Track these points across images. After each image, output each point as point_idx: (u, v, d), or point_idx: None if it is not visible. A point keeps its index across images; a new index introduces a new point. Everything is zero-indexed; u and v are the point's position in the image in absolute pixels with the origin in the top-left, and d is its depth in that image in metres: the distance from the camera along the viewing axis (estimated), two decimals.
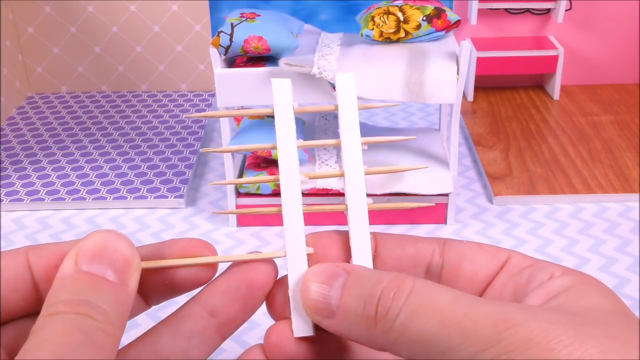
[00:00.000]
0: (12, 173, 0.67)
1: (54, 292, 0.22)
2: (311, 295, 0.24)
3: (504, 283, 0.25)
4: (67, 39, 0.82)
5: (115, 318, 0.22)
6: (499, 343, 0.20)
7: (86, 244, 0.23)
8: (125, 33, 0.82)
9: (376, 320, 0.22)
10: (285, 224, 0.25)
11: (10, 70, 0.80)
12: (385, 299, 0.22)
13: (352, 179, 0.26)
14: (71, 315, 0.21)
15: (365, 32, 0.57)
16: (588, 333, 0.20)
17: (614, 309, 0.22)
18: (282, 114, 0.26)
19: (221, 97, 0.54)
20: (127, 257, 0.23)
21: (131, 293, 0.23)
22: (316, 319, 0.24)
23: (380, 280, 0.23)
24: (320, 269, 0.25)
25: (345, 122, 0.26)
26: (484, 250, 0.26)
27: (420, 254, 0.27)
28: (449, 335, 0.21)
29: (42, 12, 0.81)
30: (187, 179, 0.65)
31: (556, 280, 0.24)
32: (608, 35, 0.83)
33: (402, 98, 0.53)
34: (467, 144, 0.73)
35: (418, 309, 0.22)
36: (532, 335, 0.20)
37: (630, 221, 0.59)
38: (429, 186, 0.57)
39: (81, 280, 0.22)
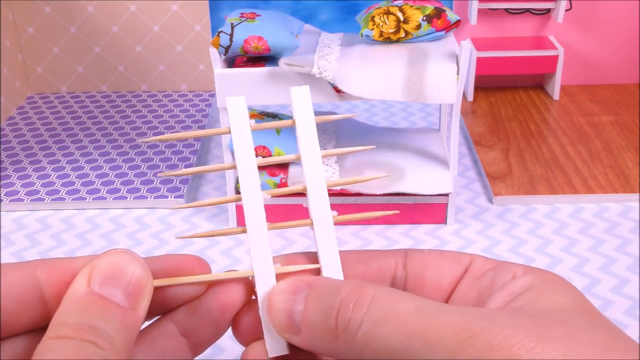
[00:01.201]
0: (12, 173, 0.67)
1: (63, 312, 0.22)
2: (276, 312, 0.24)
3: (467, 288, 0.25)
4: (67, 39, 0.82)
5: (121, 345, 0.21)
6: (463, 352, 0.20)
7: (101, 263, 0.23)
8: (125, 33, 0.82)
9: (337, 333, 0.22)
10: (251, 243, 0.25)
11: (10, 70, 0.80)
12: (345, 309, 0.22)
13: (314, 193, 0.25)
14: (76, 342, 0.21)
15: (365, 32, 0.57)
16: (550, 335, 0.20)
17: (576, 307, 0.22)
18: (239, 133, 0.25)
19: (221, 97, 0.54)
20: (140, 281, 0.23)
21: (140, 318, 0.23)
22: (285, 336, 0.24)
23: (339, 290, 0.23)
24: (284, 284, 0.24)
25: (304, 136, 0.26)
26: (446, 257, 0.26)
27: (383, 267, 0.27)
28: (413, 346, 0.21)
29: (42, 12, 0.81)
30: (187, 179, 0.65)
31: (518, 280, 0.24)
32: (608, 35, 0.83)
33: (402, 98, 0.53)
34: (467, 144, 0.73)
35: (380, 320, 0.21)
36: (495, 342, 0.20)
37: (630, 221, 0.59)
38: (429, 186, 0.57)
39: (91, 303, 0.22)
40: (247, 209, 0.25)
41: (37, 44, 0.82)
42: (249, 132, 0.26)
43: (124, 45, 0.82)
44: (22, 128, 0.76)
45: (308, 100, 0.26)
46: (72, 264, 0.24)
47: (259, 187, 0.25)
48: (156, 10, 0.80)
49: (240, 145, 0.25)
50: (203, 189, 0.65)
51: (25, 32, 0.82)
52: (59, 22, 0.81)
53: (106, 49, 0.83)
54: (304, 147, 0.26)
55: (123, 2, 0.80)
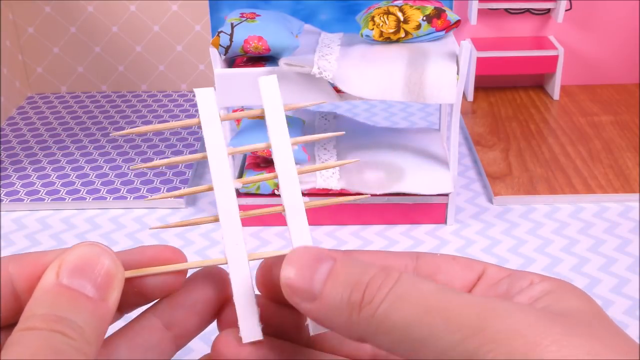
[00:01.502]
0: (12, 173, 0.67)
1: (32, 305, 0.22)
2: (293, 275, 0.24)
3: (482, 294, 0.25)
4: (67, 39, 0.82)
5: (91, 335, 0.21)
6: (483, 331, 0.19)
7: (69, 256, 0.23)
8: (125, 33, 0.82)
9: (360, 306, 0.22)
10: (224, 231, 0.25)
11: (10, 70, 0.80)
12: (373, 286, 0.22)
13: (285, 180, 0.26)
14: (45, 333, 0.21)
15: (365, 32, 0.57)
16: (574, 333, 0.20)
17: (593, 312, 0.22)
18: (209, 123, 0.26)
19: (221, 97, 0.54)
20: (109, 272, 0.23)
21: (111, 309, 0.23)
22: (294, 300, 0.24)
23: (367, 269, 0.23)
24: (306, 251, 0.24)
25: (273, 124, 0.26)
26: (458, 262, 0.26)
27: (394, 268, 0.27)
28: (433, 321, 0.20)
29: (42, 12, 0.81)
30: (187, 179, 0.65)
31: (536, 286, 0.24)
32: (608, 35, 0.83)
33: (402, 98, 0.53)
34: (467, 144, 0.73)
35: (403, 296, 0.21)
36: (519, 327, 0.19)
37: (630, 221, 0.59)
38: (429, 186, 0.57)
39: (60, 295, 0.22)
40: (218, 197, 0.25)
41: (37, 44, 0.82)
42: (219, 122, 0.26)
43: (124, 45, 0.82)
44: (22, 128, 0.76)
45: (276, 89, 0.27)
46: (43, 258, 0.24)
47: (230, 175, 0.26)
48: (156, 10, 0.80)
49: (211, 135, 0.26)
50: None
51: (25, 32, 0.82)
52: (59, 22, 0.81)
53: (106, 49, 0.83)
54: (273, 136, 0.26)
55: (123, 2, 0.80)
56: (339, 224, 0.59)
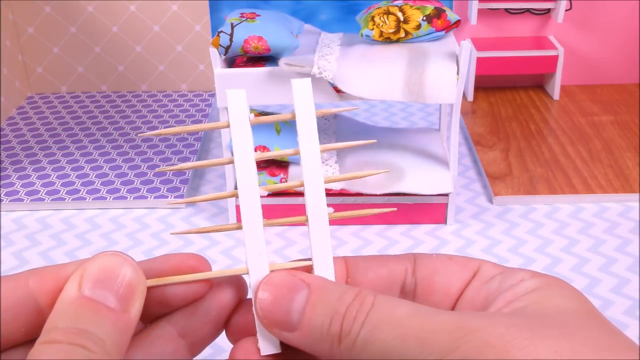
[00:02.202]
0: (12, 173, 0.67)
1: (54, 317, 0.22)
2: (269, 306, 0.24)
3: (475, 291, 0.25)
4: (67, 39, 0.82)
5: (112, 347, 0.21)
6: (456, 350, 0.20)
7: (91, 267, 0.23)
8: (125, 33, 0.82)
9: (340, 337, 0.22)
10: (246, 240, 0.25)
11: (10, 70, 0.80)
12: (349, 317, 0.22)
13: (311, 188, 0.25)
14: (66, 346, 0.21)
15: (365, 32, 0.57)
16: (545, 334, 0.20)
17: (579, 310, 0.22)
18: (238, 127, 0.25)
19: (221, 97, 0.54)
20: (131, 283, 0.23)
21: (132, 320, 0.23)
22: (273, 331, 0.24)
23: (344, 297, 0.23)
24: (278, 279, 0.24)
25: (303, 130, 0.25)
26: (454, 262, 0.27)
27: (394, 274, 0.27)
28: (408, 347, 0.21)
29: (42, 12, 0.81)
30: (187, 179, 0.65)
31: (525, 283, 0.24)
32: (608, 35, 0.83)
33: (402, 98, 0.53)
34: (467, 144, 0.73)
35: (378, 324, 0.22)
36: (488, 340, 0.20)
37: (630, 221, 0.59)
38: (429, 186, 0.57)
39: (82, 307, 0.22)
40: (243, 204, 0.25)
41: (37, 44, 0.82)
42: (249, 126, 0.25)
43: (124, 45, 0.82)
44: (22, 128, 0.76)
45: (309, 93, 0.25)
46: (63, 271, 0.24)
47: (257, 182, 0.25)
48: (156, 10, 0.80)
49: (239, 139, 0.25)
50: (203, 189, 0.65)
51: (25, 32, 0.82)
52: (59, 22, 0.81)
53: (106, 49, 0.83)
54: (303, 142, 0.25)
55: (123, 2, 0.80)
56: (340, 224, 0.59)
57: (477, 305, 0.25)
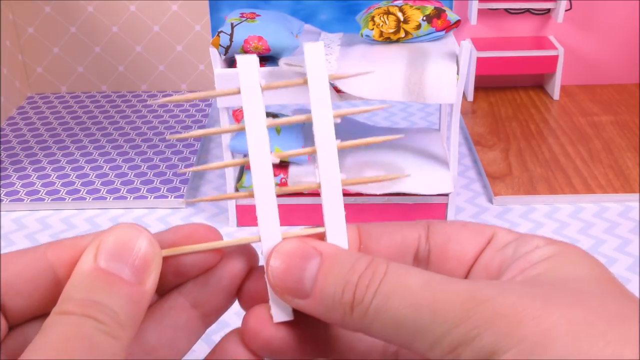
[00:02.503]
0: (12, 173, 0.67)
1: (69, 288, 0.22)
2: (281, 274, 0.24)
3: (489, 258, 0.25)
4: (67, 39, 0.82)
5: (126, 320, 0.21)
6: (468, 320, 0.20)
7: (107, 239, 0.23)
8: (125, 33, 0.82)
9: (352, 306, 0.22)
10: (258, 207, 0.24)
11: (10, 70, 0.80)
12: (362, 286, 0.22)
13: (324, 154, 0.25)
14: (77, 318, 0.21)
15: (365, 32, 0.57)
16: (557, 303, 0.20)
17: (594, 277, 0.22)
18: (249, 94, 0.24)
19: (221, 97, 0.54)
20: (147, 255, 0.23)
21: (148, 292, 0.23)
22: (285, 298, 0.24)
23: (356, 266, 0.23)
24: (290, 246, 0.24)
25: (316, 95, 0.25)
26: (468, 229, 0.26)
27: (407, 241, 0.26)
28: (420, 316, 0.21)
29: (42, 12, 0.81)
30: (187, 179, 0.65)
31: (539, 250, 0.24)
32: (608, 35, 0.83)
33: (402, 98, 0.53)
34: (467, 144, 0.73)
35: (390, 294, 0.22)
36: (500, 310, 0.20)
37: (630, 221, 0.59)
38: (429, 186, 0.57)
39: (97, 279, 0.22)
40: (254, 171, 0.24)
41: (37, 44, 0.82)
42: (260, 92, 0.24)
43: (124, 45, 0.82)
44: (22, 128, 0.76)
45: (322, 57, 0.25)
46: (81, 242, 0.24)
47: (268, 150, 0.24)
48: (156, 10, 0.80)
49: (250, 105, 0.24)
50: (203, 189, 0.66)
51: (25, 32, 0.82)
52: (59, 22, 0.81)
53: (106, 49, 0.83)
54: (315, 107, 0.25)
55: (123, 2, 0.80)
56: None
57: (491, 272, 0.25)
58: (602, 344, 0.19)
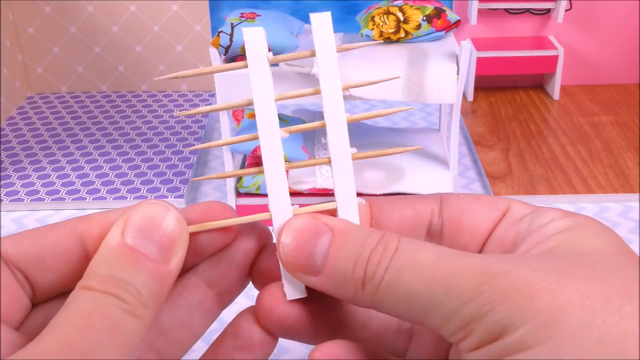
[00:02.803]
0: (12, 173, 0.67)
1: (95, 262, 0.22)
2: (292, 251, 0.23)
3: (504, 232, 0.25)
4: (67, 39, 0.82)
5: (149, 298, 0.21)
6: (480, 294, 0.20)
7: (135, 214, 0.22)
8: (125, 33, 0.82)
9: (364, 282, 0.22)
10: (268, 184, 0.24)
11: (10, 70, 0.80)
12: (373, 261, 0.22)
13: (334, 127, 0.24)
14: (100, 295, 0.20)
15: (365, 32, 0.57)
16: (572, 277, 0.19)
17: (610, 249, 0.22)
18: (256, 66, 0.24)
19: (221, 97, 0.54)
20: (173, 234, 0.22)
21: (173, 271, 0.22)
22: (297, 275, 0.24)
23: (367, 241, 0.23)
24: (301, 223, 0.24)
25: (324, 66, 0.24)
26: (482, 201, 0.26)
27: (420, 216, 0.26)
28: (433, 291, 0.21)
29: (42, 12, 0.81)
30: (187, 179, 0.65)
31: (555, 222, 0.23)
32: (608, 35, 0.83)
33: (402, 98, 0.53)
34: (467, 144, 0.73)
35: (402, 268, 0.21)
36: (513, 284, 0.19)
37: (630, 221, 0.59)
38: (429, 186, 0.57)
39: (122, 255, 0.22)
40: (264, 146, 0.24)
41: (37, 44, 0.82)
42: (267, 65, 0.24)
43: (124, 45, 0.82)
44: (22, 128, 0.76)
45: (329, 27, 0.24)
46: (110, 217, 0.23)
47: (277, 124, 0.24)
48: (156, 10, 0.80)
49: (257, 78, 0.24)
50: (203, 189, 0.66)
51: (25, 32, 0.82)
52: (59, 22, 0.81)
53: (106, 49, 0.83)
54: (324, 79, 0.24)
55: (123, 2, 0.80)
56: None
57: (506, 246, 0.24)
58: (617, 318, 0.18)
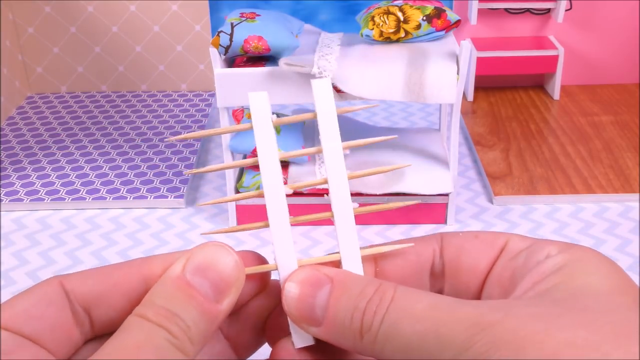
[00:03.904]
0: (12, 173, 0.67)
1: (154, 291, 0.23)
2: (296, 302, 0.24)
3: (502, 269, 0.25)
4: (67, 39, 0.82)
5: (196, 335, 0.22)
6: (472, 347, 0.20)
7: (197, 253, 0.24)
8: (125, 33, 0.82)
9: (362, 332, 0.23)
10: (274, 237, 0.25)
11: (10, 70, 0.80)
12: (369, 313, 0.23)
13: (336, 185, 0.26)
14: (152, 326, 0.22)
15: (365, 32, 0.57)
16: (561, 324, 0.20)
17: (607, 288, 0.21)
18: (262, 127, 0.26)
19: (221, 97, 0.54)
20: (230, 277, 0.23)
21: (222, 312, 0.23)
22: (301, 325, 0.24)
23: (364, 292, 0.23)
24: (303, 275, 0.25)
25: (325, 129, 0.26)
26: (480, 240, 0.26)
27: (422, 258, 0.27)
28: (427, 343, 0.21)
29: (42, 12, 0.81)
30: (187, 179, 0.65)
31: (550, 260, 0.23)
32: (608, 35, 0.83)
33: (402, 98, 0.53)
34: (467, 144, 0.73)
35: (397, 321, 0.22)
36: (503, 335, 0.20)
37: (630, 221, 0.59)
38: (429, 186, 0.57)
39: (179, 289, 0.23)
40: (269, 202, 0.25)
41: (37, 44, 0.82)
42: (271, 126, 0.26)
43: (124, 45, 0.82)
44: (22, 128, 0.76)
45: (329, 92, 0.26)
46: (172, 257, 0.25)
47: (281, 181, 0.26)
48: (156, 10, 0.80)
49: (262, 140, 0.26)
50: (203, 189, 0.65)
51: (25, 32, 0.82)
52: (59, 22, 0.81)
53: (106, 49, 0.83)
54: (325, 140, 0.26)
55: (123, 2, 0.80)
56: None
57: (504, 284, 0.25)
58: None
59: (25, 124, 0.77)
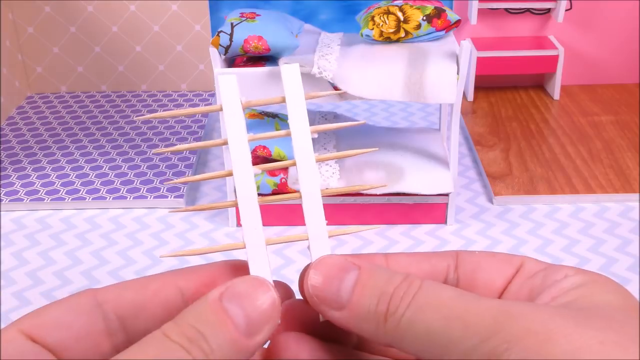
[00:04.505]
0: (12, 173, 0.67)
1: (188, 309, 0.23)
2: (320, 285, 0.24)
3: (518, 287, 0.26)
4: (67, 39, 0.82)
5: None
6: (498, 334, 0.20)
7: (239, 282, 0.24)
8: (125, 33, 0.82)
9: (386, 317, 0.23)
10: (242, 215, 0.26)
11: (10, 70, 0.80)
12: (396, 297, 0.23)
13: (304, 167, 0.27)
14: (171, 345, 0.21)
15: (365, 32, 0.57)
16: (589, 325, 0.20)
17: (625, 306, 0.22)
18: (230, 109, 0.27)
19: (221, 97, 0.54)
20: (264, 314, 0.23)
21: (250, 347, 0.23)
22: (321, 308, 0.25)
23: (392, 278, 0.24)
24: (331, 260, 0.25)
25: (294, 112, 0.27)
26: (497, 259, 0.27)
27: (436, 270, 0.27)
28: (452, 328, 0.21)
29: (42, 12, 0.81)
30: None
31: (569, 279, 0.24)
32: (608, 35, 0.82)
33: (402, 98, 0.53)
34: (467, 144, 0.73)
35: (423, 306, 0.22)
36: (531, 326, 0.20)
37: (630, 221, 0.59)
38: (429, 186, 0.57)
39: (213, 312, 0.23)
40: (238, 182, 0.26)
41: (37, 44, 0.82)
42: (240, 108, 0.27)
43: (124, 45, 0.82)
44: (22, 128, 0.76)
45: (298, 78, 0.27)
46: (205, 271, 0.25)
47: (250, 162, 0.26)
48: (156, 10, 0.80)
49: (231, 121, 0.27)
50: (203, 188, 0.65)
51: (25, 32, 0.82)
52: (59, 22, 0.81)
53: (106, 49, 0.83)
54: (294, 123, 0.27)
55: (123, 2, 0.80)
56: (340, 224, 0.59)
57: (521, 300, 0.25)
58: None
59: (25, 124, 0.77)
